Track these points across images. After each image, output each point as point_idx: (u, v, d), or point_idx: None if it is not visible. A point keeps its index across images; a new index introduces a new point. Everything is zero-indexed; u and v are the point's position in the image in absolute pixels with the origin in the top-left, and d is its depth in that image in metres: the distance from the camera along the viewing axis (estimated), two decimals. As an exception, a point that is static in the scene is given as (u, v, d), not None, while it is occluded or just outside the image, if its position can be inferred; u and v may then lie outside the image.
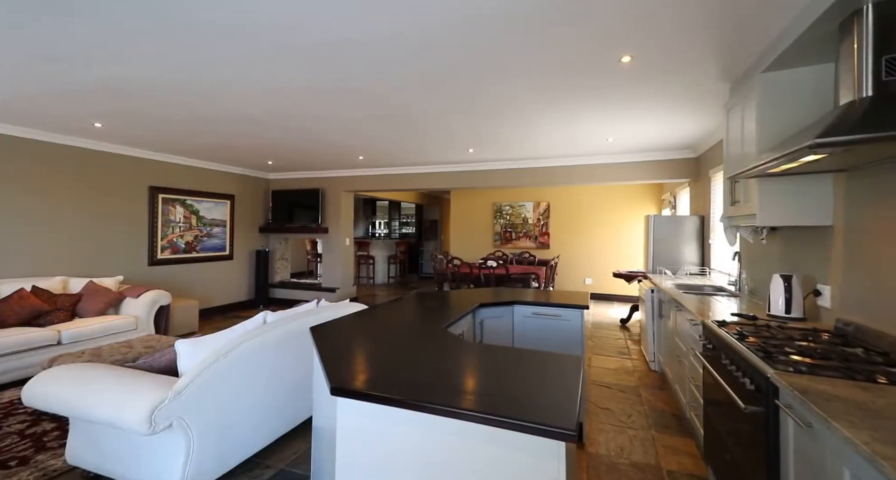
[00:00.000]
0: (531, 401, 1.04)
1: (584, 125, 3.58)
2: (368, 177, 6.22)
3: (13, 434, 2.40)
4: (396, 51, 2.13)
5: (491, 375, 1.26)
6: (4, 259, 3.74)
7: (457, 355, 1.48)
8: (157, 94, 2.85)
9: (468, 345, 1.59)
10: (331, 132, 3.90)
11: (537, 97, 2.86)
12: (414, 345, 1.62)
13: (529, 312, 2.52)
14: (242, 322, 2.24)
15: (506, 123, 3.56)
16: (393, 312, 2.34)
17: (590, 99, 2.88)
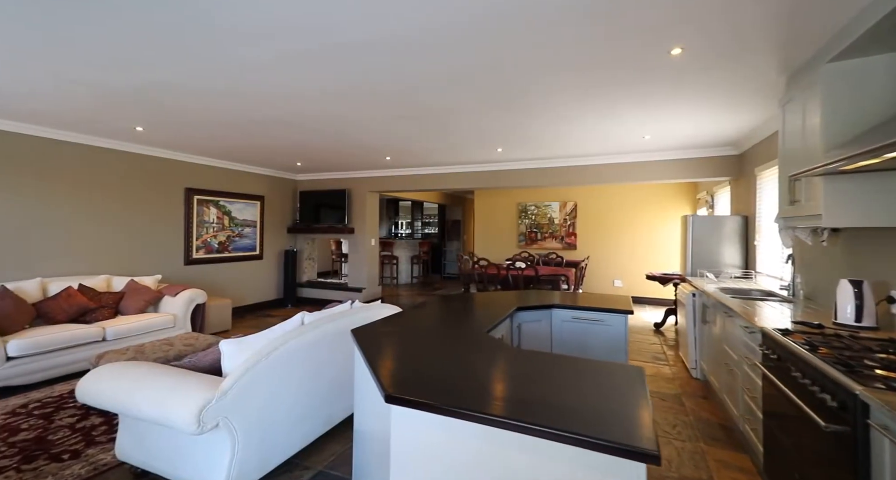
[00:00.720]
0: (603, 417, 0.98)
1: (621, 122, 3.46)
2: (395, 177, 6.23)
3: (65, 428, 2.49)
4: (427, 48, 2.09)
5: (551, 385, 1.19)
6: (54, 259, 3.92)
7: (506, 361, 1.42)
8: (193, 98, 2.91)
9: (518, 352, 1.53)
10: (360, 133, 3.91)
11: (575, 95, 2.77)
12: (461, 350, 1.57)
13: (569, 316, 2.43)
14: (281, 323, 2.25)
15: (537, 122, 3.47)
16: (429, 314, 2.30)
17: (631, 95, 2.76)
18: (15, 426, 2.51)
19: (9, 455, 2.19)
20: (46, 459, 2.15)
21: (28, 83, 2.65)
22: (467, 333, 1.84)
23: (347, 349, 2.48)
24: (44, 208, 3.84)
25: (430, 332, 1.88)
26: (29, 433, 2.42)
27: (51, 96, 2.91)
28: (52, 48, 2.14)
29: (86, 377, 1.91)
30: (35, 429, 2.47)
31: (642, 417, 0.97)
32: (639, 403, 1.06)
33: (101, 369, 1.94)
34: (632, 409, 1.02)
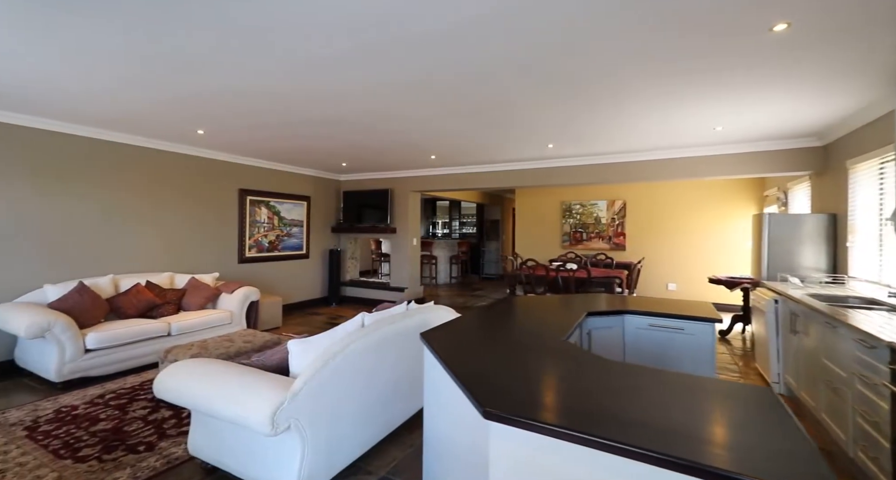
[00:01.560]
0: (753, 452, 0.83)
1: (694, 113, 3.19)
2: (437, 177, 6.17)
3: (138, 420, 2.59)
4: (489, 38, 1.99)
5: (676, 409, 1.05)
6: (124, 256, 4.15)
7: (605, 375, 1.28)
8: (254, 100, 2.96)
9: (615, 364, 1.39)
10: (410, 131, 3.86)
11: (648, 83, 2.56)
12: (548, 360, 1.45)
13: (644, 323, 2.24)
14: (343, 324, 2.22)
15: (600, 116, 3.27)
16: (495, 318, 2.19)
17: (713, 82, 2.52)
18: (94, 415, 2.64)
19: (91, 443, 2.29)
20: (124, 450, 2.23)
21: (104, 89, 2.79)
22: (546, 340, 1.71)
23: (406, 352, 2.42)
24: (116, 209, 4.08)
25: (506, 338, 1.77)
26: (107, 423, 2.54)
27: (124, 101, 3.05)
28: (128, 54, 2.22)
29: (162, 373, 1.95)
30: (112, 420, 2.58)
31: (808, 455, 0.81)
32: (792, 435, 0.89)
33: (176, 366, 1.98)
34: (787, 442, 0.86)
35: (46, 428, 2.46)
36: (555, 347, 1.60)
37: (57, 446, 2.26)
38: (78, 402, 2.83)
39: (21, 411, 2.68)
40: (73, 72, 2.48)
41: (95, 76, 2.55)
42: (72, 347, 3.05)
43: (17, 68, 2.43)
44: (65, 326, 3.02)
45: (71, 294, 3.38)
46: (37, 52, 2.21)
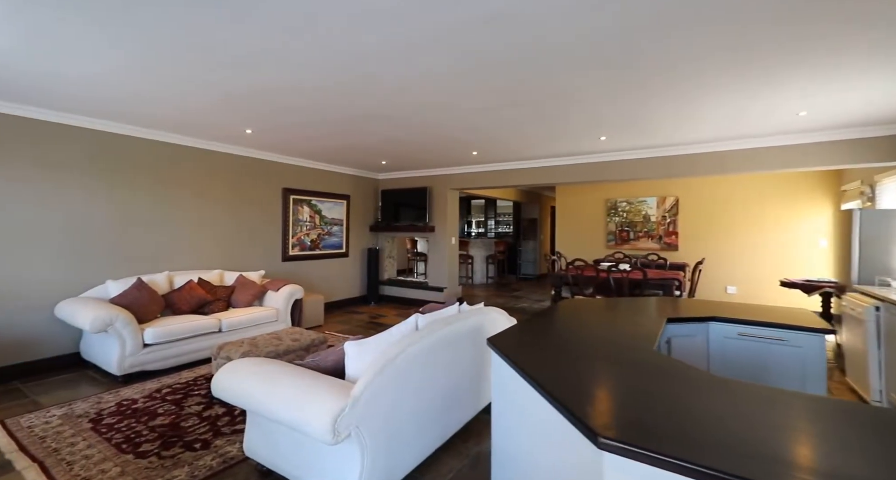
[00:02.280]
0: None
1: (774, 95, 2.85)
2: (477, 174, 6.01)
3: (193, 416, 2.61)
4: (553, 19, 1.80)
5: (823, 436, 0.84)
6: (178, 254, 4.28)
7: (727, 396, 1.08)
8: (302, 97, 2.92)
9: (737, 384, 1.18)
10: (454, 126, 3.73)
11: (734, 65, 2.29)
12: (648, 376, 1.26)
13: (733, 332, 1.98)
14: (397, 325, 2.11)
15: (667, 104, 3.00)
16: (563, 324, 2.01)
17: (811, 55, 2.21)
18: (153, 410, 2.68)
19: (150, 439, 2.32)
20: (181, 447, 2.23)
21: (160, 89, 2.84)
22: (634, 351, 1.52)
23: (461, 355, 2.29)
24: (171, 208, 4.21)
25: (586, 348, 1.59)
26: (164, 418, 2.57)
27: (177, 100, 3.10)
28: (183, 53, 2.22)
29: (220, 372, 1.91)
30: (169, 415, 2.61)
31: None
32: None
33: (233, 366, 1.93)
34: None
35: (109, 421, 2.51)
36: (649, 360, 1.40)
37: (119, 440, 2.30)
38: (137, 396, 2.90)
39: (86, 403, 2.77)
40: (136, 74, 2.52)
41: (154, 78, 2.58)
42: (132, 341, 3.14)
43: (86, 72, 2.50)
44: (126, 321, 3.12)
45: (130, 290, 3.50)
46: (105, 55, 2.25)
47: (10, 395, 2.90)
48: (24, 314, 3.25)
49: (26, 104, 3.17)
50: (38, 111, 3.28)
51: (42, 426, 2.44)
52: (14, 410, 2.66)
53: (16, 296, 3.21)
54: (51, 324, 3.38)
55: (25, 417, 2.54)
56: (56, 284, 3.42)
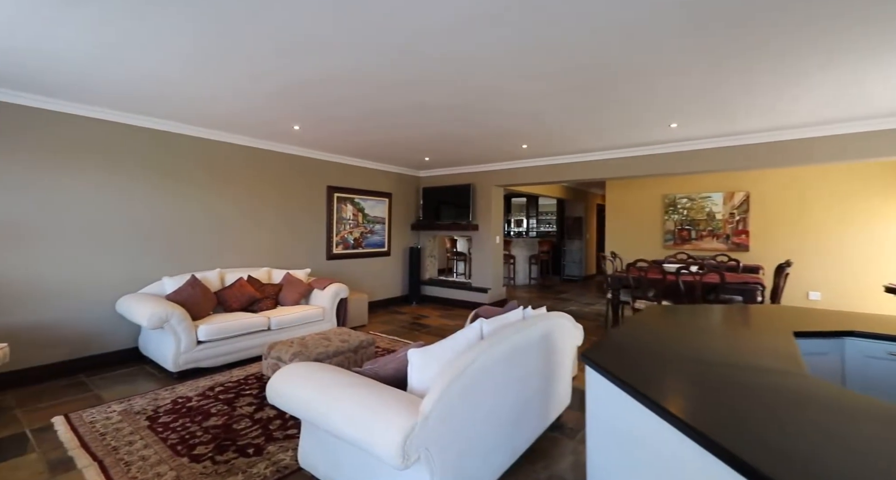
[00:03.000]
0: None
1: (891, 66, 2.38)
2: (524, 169, 5.71)
3: (245, 418, 2.53)
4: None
5: None
6: (228, 251, 4.32)
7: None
8: (347, 86, 2.78)
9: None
10: (506, 115, 3.47)
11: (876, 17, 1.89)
12: (816, 409, 0.96)
13: (880, 350, 1.60)
14: (462, 331, 1.89)
15: (768, 77, 2.59)
16: (667, 337, 1.71)
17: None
18: (206, 409, 2.64)
19: (204, 441, 2.25)
20: (235, 451, 2.14)
21: (216, 85, 2.80)
22: (778, 374, 1.21)
23: (531, 366, 2.04)
24: (221, 206, 4.25)
25: (712, 367, 1.30)
26: (218, 418, 2.51)
27: (230, 96, 3.07)
28: (237, 43, 2.12)
29: (276, 378, 1.78)
30: (222, 415, 2.55)
31: None
32: None
33: (288, 371, 1.80)
34: None
35: (165, 420, 2.48)
36: (809, 388, 1.09)
37: (174, 440, 2.24)
38: (191, 393, 2.88)
39: (144, 399, 2.77)
40: (191, 69, 2.48)
41: (210, 73, 2.53)
42: (186, 338, 3.14)
43: (141, 73, 2.49)
44: (180, 317, 3.12)
45: (185, 287, 3.53)
46: (157, 56, 2.21)
47: (76, 388, 2.97)
48: (89, 309, 3.35)
49: (93, 105, 3.26)
50: (103, 111, 3.37)
51: (103, 421, 2.45)
52: (78, 404, 2.70)
53: (82, 292, 3.31)
54: (112, 319, 3.47)
55: (88, 412, 2.57)
56: (117, 280, 3.51)
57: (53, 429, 2.35)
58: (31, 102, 3.03)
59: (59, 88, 2.89)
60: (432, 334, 4.65)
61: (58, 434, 2.30)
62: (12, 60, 2.41)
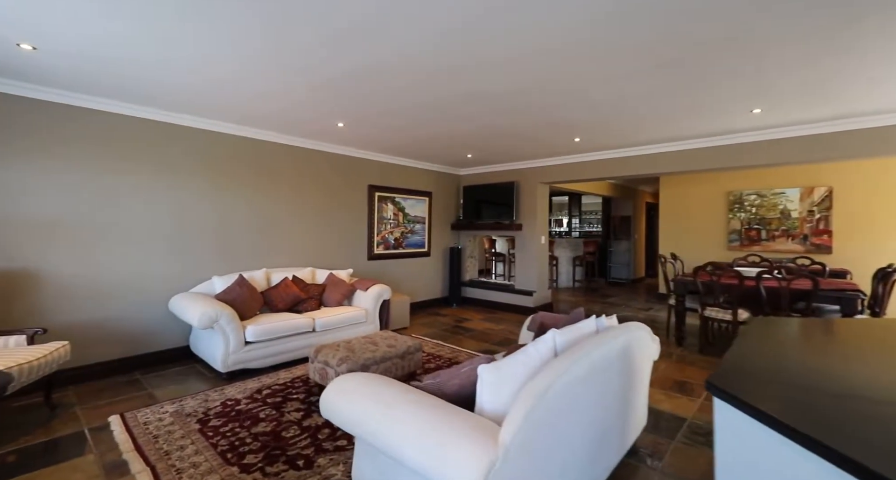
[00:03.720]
0: None
1: None
2: (572, 165, 5.36)
3: (294, 425, 2.43)
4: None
5: None
6: (273, 251, 4.31)
7: None
8: (396, 77, 2.61)
9: None
10: (567, 103, 3.19)
11: None
12: None
13: None
14: (532, 344, 1.66)
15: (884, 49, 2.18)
16: (799, 358, 1.41)
17: None
18: (255, 413, 2.57)
19: (254, 449, 2.16)
20: (285, 463, 2.03)
21: (258, 82, 2.73)
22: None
23: (610, 387, 1.78)
24: (267, 206, 4.25)
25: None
26: (266, 424, 2.42)
27: (275, 92, 3.00)
28: (278, 36, 2.01)
29: (330, 392, 1.63)
30: (270, 421, 2.47)
31: None
32: None
33: (343, 383, 1.65)
34: None
35: (215, 423, 2.43)
36: None
37: (224, 447, 2.17)
38: (240, 395, 2.83)
39: (195, 400, 2.75)
40: (236, 64, 2.41)
41: (257, 66, 2.46)
42: (234, 339, 3.11)
43: (191, 72, 2.45)
44: (229, 317, 3.10)
45: (233, 287, 3.52)
46: (206, 54, 2.15)
47: (132, 386, 3.01)
48: (143, 308, 3.41)
49: (146, 106, 3.31)
50: (156, 112, 3.42)
51: (156, 423, 2.43)
52: (133, 403, 2.72)
53: (137, 290, 3.38)
54: (165, 318, 3.53)
55: (142, 411, 2.57)
56: (169, 279, 3.56)
57: (110, 429, 2.35)
58: (88, 103, 3.11)
59: (115, 90, 2.93)
60: (477, 338, 4.44)
61: (114, 435, 2.29)
62: (76, 66, 2.45)
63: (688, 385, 3.14)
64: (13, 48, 2.23)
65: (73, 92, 2.96)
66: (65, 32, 2.07)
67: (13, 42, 2.16)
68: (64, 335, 3.00)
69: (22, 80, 2.73)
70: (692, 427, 2.48)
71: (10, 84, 2.75)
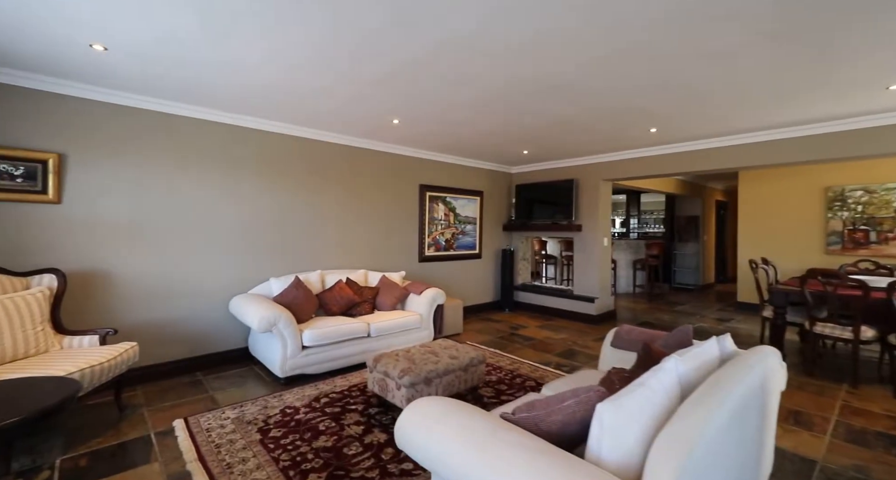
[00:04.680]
0: None
1: None
2: (641, 160, 4.87)
3: (355, 441, 2.26)
4: None
5: None
6: (326, 252, 4.24)
7: None
8: (461, 63, 2.37)
9: None
10: (647, 89, 2.81)
11: None
12: None
13: None
14: (653, 374, 1.34)
15: None
16: None
17: None
18: (314, 425, 2.43)
19: (316, 467, 2.00)
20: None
21: (319, 79, 2.61)
22: None
23: (747, 429, 1.42)
24: (320, 206, 4.18)
25: None
26: (327, 438, 2.28)
27: (333, 85, 2.87)
28: (343, 19, 1.82)
29: (406, 420, 1.41)
30: (331, 434, 2.32)
31: None
32: None
33: (420, 410, 1.42)
34: None
35: (275, 434, 2.32)
36: None
37: (286, 462, 2.03)
38: (298, 403, 2.73)
39: (255, 406, 2.67)
40: (300, 64, 2.29)
41: (314, 63, 2.32)
42: (292, 343, 3.03)
43: (252, 69, 2.36)
44: (287, 321, 3.01)
45: (289, 289, 3.46)
46: (266, 48, 2.03)
47: (195, 387, 3.00)
48: (206, 308, 3.43)
49: (206, 106, 3.32)
50: (212, 113, 3.43)
51: (218, 430, 2.36)
52: (196, 406, 2.69)
53: (200, 291, 3.40)
54: (225, 319, 3.53)
55: (204, 416, 2.52)
56: (229, 279, 3.56)
57: (174, 434, 2.31)
58: (153, 105, 3.14)
59: (178, 92, 2.94)
60: (537, 349, 4.11)
61: (178, 441, 2.23)
62: (143, 68, 2.44)
63: (804, 416, 2.63)
64: (86, 50, 2.24)
65: (141, 94, 3.01)
66: (134, 29, 2.03)
67: (86, 43, 2.16)
68: (132, 334, 3.06)
69: (95, 84, 2.80)
70: (827, 473, 2.02)
71: (85, 88, 2.82)
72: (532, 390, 3.01)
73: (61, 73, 2.60)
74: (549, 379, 3.22)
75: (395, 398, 2.48)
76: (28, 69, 2.54)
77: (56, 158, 2.76)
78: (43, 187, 2.73)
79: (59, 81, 2.71)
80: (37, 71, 2.57)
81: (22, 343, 2.31)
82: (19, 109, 2.65)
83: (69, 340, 2.54)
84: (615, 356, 2.38)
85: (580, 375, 2.27)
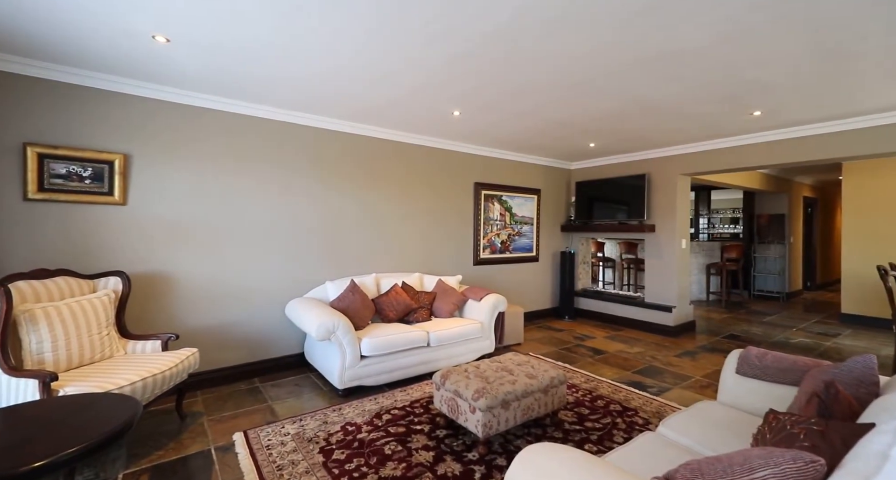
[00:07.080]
0: None
1: None
2: (729, 150, 4.25)
3: (426, 471, 1.98)
4: None
5: None
6: (379, 255, 4.03)
7: None
8: (538, 41, 2.02)
9: None
10: (758, 57, 2.31)
11: None
12: None
13: None
14: (866, 447, 0.94)
15: None
16: None
17: None
18: (380, 447, 2.19)
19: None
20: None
21: (379, 65, 2.37)
22: None
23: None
24: (373, 206, 3.98)
25: None
26: (395, 466, 2.02)
27: (393, 74, 2.63)
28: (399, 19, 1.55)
29: (522, 466, 1.10)
30: (398, 460, 2.06)
31: None
32: None
33: (530, 466, 1.10)
34: None
35: (339, 456, 2.09)
36: None
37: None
38: (359, 419, 2.50)
39: (314, 420, 2.48)
40: (360, 51, 2.05)
41: (378, 47, 2.08)
42: (351, 352, 2.82)
43: (311, 60, 2.16)
44: (346, 329, 2.81)
45: (346, 294, 3.28)
46: (337, 38, 1.80)
47: (252, 396, 2.88)
48: (262, 312, 3.33)
49: (260, 103, 3.21)
50: (266, 109, 3.31)
51: (279, 448, 2.17)
52: (255, 417, 2.54)
53: (255, 293, 3.30)
54: (282, 323, 3.41)
55: (264, 430, 2.35)
56: (284, 282, 3.44)
57: (234, 450, 2.15)
58: (209, 103, 3.06)
59: (235, 89, 2.83)
60: (611, 364, 3.66)
61: (238, 458, 2.07)
62: (205, 62, 2.32)
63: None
64: (149, 42, 2.14)
65: (202, 92, 2.93)
66: (195, 16, 1.88)
67: (148, 34, 2.05)
68: (191, 338, 2.99)
69: (159, 82, 2.74)
70: None
71: (149, 87, 2.78)
72: (618, 414, 2.60)
73: (126, 71, 2.55)
74: (635, 403, 2.78)
75: (468, 422, 2.18)
76: (94, 69, 2.52)
77: (122, 159, 2.73)
78: (109, 189, 2.70)
79: (124, 80, 2.68)
80: (102, 70, 2.54)
81: (88, 348, 2.25)
82: (87, 110, 2.64)
83: (132, 345, 2.48)
84: (742, 387, 1.93)
85: (701, 409, 1.85)
